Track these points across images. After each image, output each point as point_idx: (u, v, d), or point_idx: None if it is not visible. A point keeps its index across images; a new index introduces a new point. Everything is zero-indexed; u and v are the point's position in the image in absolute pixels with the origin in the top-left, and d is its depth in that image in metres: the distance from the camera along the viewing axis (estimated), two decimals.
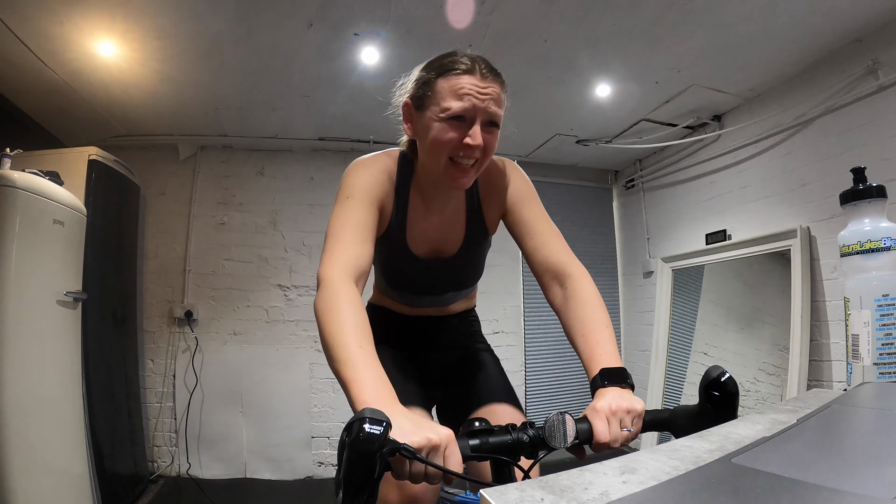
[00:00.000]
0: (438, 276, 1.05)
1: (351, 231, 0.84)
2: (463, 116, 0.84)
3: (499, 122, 0.87)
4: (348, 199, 0.88)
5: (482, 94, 0.84)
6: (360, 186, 0.90)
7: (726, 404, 0.69)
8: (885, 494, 0.34)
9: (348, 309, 0.72)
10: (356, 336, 0.68)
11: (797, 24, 1.98)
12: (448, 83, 0.85)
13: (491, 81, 0.85)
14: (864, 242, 1.49)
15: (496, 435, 0.65)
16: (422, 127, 0.89)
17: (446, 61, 0.87)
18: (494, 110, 0.85)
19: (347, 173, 0.93)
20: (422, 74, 0.90)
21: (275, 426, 3.05)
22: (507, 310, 3.47)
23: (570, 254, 0.94)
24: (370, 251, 0.85)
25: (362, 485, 0.49)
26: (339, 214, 0.86)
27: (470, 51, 0.91)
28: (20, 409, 1.66)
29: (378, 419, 0.50)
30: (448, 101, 0.84)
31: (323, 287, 0.76)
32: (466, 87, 0.83)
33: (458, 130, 0.85)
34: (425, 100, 0.88)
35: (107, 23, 1.91)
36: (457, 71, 0.85)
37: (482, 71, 0.85)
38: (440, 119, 0.85)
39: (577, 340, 0.85)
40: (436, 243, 1.02)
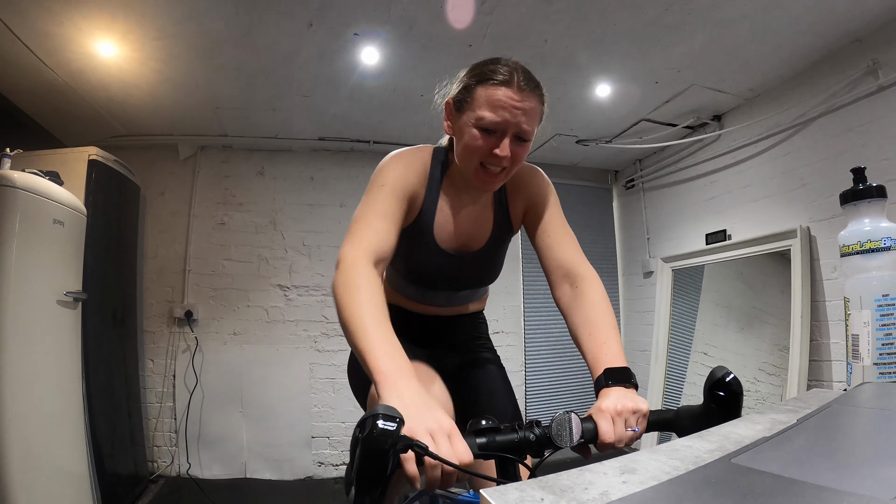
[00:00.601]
0: (461, 271, 1.06)
1: (377, 217, 0.86)
2: (495, 129, 0.87)
3: (529, 136, 0.90)
4: (381, 188, 0.90)
5: (516, 109, 0.86)
6: (393, 177, 0.92)
7: (731, 404, 0.69)
8: (885, 494, 0.34)
9: (366, 286, 0.74)
10: (372, 311, 0.70)
11: (797, 24, 1.98)
12: (486, 92, 0.87)
13: (527, 94, 0.87)
14: (864, 242, 1.49)
15: (503, 433, 0.65)
16: (458, 128, 0.93)
17: (487, 69, 0.89)
18: (525, 127, 0.88)
19: (384, 164, 0.96)
20: (464, 79, 0.93)
21: (275, 426, 3.05)
22: (507, 310, 3.48)
23: (582, 256, 0.97)
24: (393, 240, 0.87)
25: (375, 481, 0.49)
26: (369, 201, 0.89)
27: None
28: (20, 409, 1.66)
29: (391, 415, 0.50)
30: (482, 111, 0.87)
31: (341, 266, 0.78)
32: (502, 99, 0.85)
33: (488, 140, 0.87)
34: (464, 104, 0.91)
35: (107, 23, 1.91)
36: (495, 81, 0.86)
37: (520, 83, 0.86)
38: (474, 126, 0.88)
39: (582, 339, 0.85)
40: (463, 238, 1.04)
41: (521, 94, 0.86)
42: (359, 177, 3.36)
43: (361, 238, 0.82)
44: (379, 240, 0.83)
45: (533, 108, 0.88)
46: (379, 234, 0.84)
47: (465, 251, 1.05)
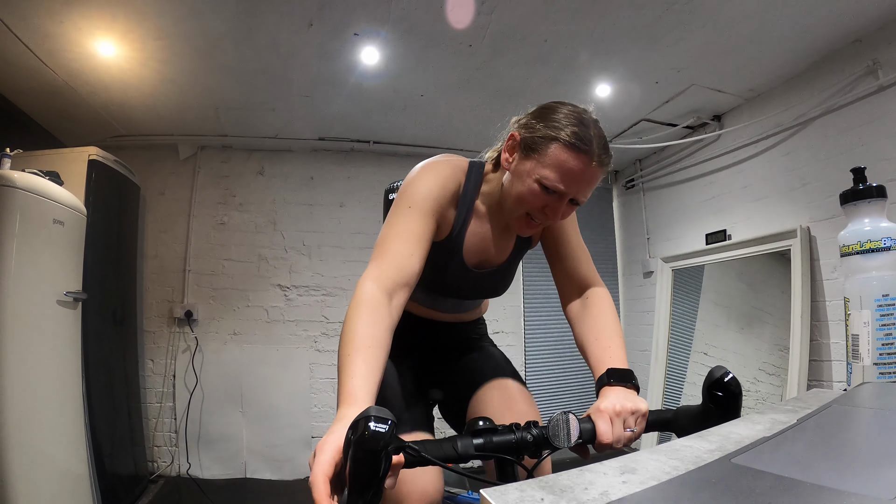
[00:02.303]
0: (479, 285, 1.06)
1: (403, 243, 0.83)
2: (555, 192, 0.85)
3: (585, 201, 0.88)
4: (409, 209, 0.86)
5: (583, 181, 0.84)
6: (423, 195, 0.88)
7: (730, 404, 0.69)
8: (885, 494, 0.34)
9: (363, 319, 0.72)
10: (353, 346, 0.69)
11: (797, 24, 1.98)
12: (560, 153, 0.82)
13: (599, 167, 0.84)
14: (864, 242, 1.49)
15: (500, 434, 0.65)
16: (518, 171, 0.88)
17: (569, 127, 0.83)
18: (586, 193, 0.87)
19: (415, 177, 0.91)
20: (539, 124, 0.86)
21: (275, 426, 3.05)
22: (507, 310, 3.48)
23: (595, 272, 0.99)
24: (419, 263, 0.83)
25: (368, 483, 0.49)
26: (396, 222, 0.85)
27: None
28: (20, 409, 1.66)
29: (383, 417, 0.50)
30: (550, 171, 0.83)
31: (354, 295, 0.76)
32: (574, 169, 0.82)
33: (546, 198, 0.85)
34: (533, 151, 0.86)
35: (107, 23, 1.91)
36: (572, 145, 0.82)
37: (597, 157, 0.83)
38: (535, 179, 0.85)
39: (588, 344, 0.87)
40: (486, 254, 1.03)
41: (594, 168, 0.83)
42: (359, 177, 3.36)
43: (382, 266, 0.79)
44: (400, 265, 0.80)
45: (598, 180, 0.86)
46: (401, 258, 0.81)
47: (486, 266, 1.05)
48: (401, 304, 0.79)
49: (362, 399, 0.63)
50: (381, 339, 0.72)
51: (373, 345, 0.69)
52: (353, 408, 0.60)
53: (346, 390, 0.64)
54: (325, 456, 0.54)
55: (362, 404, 0.62)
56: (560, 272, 1.00)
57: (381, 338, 0.72)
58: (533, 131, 0.87)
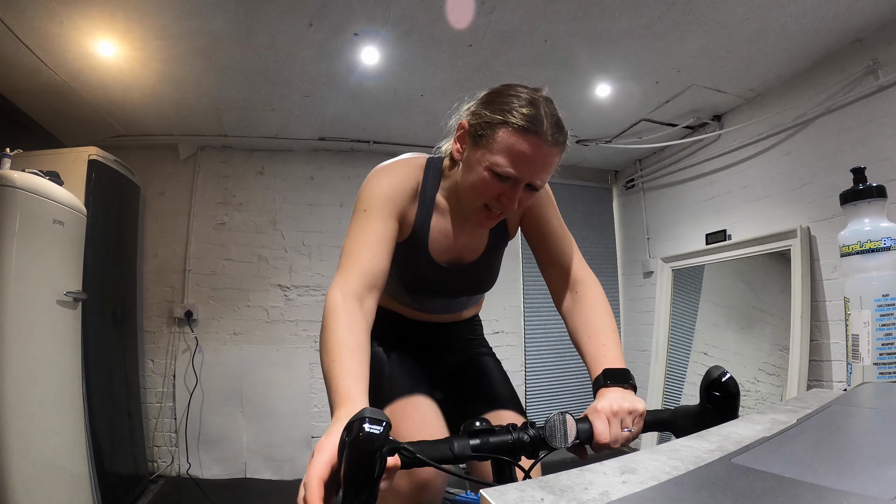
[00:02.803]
0: (457, 282, 1.05)
1: (364, 246, 0.82)
2: (508, 178, 0.82)
3: (543, 185, 0.86)
4: (364, 212, 0.86)
5: (535, 163, 0.80)
6: (377, 196, 0.88)
7: (727, 404, 0.69)
8: (885, 494, 0.34)
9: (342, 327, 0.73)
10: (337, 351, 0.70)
11: (797, 24, 1.98)
12: (508, 137, 0.79)
13: (552, 147, 0.81)
14: (864, 242, 1.49)
15: (497, 435, 0.65)
16: (468, 161, 0.87)
17: (514, 108, 0.80)
18: (542, 177, 0.84)
19: (366, 183, 0.91)
20: (485, 110, 0.84)
21: (275, 426, 3.04)
22: (507, 310, 3.47)
23: (581, 261, 0.96)
24: (384, 264, 0.83)
25: (363, 484, 0.49)
26: (354, 229, 0.85)
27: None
28: (20, 409, 1.66)
29: (378, 419, 0.49)
30: (500, 157, 0.80)
31: (326, 306, 0.77)
32: (526, 152, 0.79)
33: (499, 186, 0.83)
34: (481, 138, 0.83)
35: (107, 23, 1.91)
36: (520, 126, 0.79)
37: (549, 136, 0.80)
38: (486, 168, 0.82)
39: (582, 342, 0.86)
40: (458, 250, 1.02)
41: (547, 147, 0.80)
42: (359, 177, 3.34)
43: (347, 273, 0.79)
44: (365, 269, 0.80)
45: (554, 161, 0.83)
46: (365, 262, 0.81)
47: (462, 262, 1.03)
48: (373, 307, 0.80)
49: (357, 398, 0.63)
50: (363, 342, 0.73)
51: (355, 348, 0.71)
52: (350, 406, 0.60)
53: (339, 391, 0.64)
54: (322, 457, 0.54)
55: (359, 403, 0.62)
56: (546, 266, 0.98)
57: (362, 341, 0.73)
58: (480, 118, 0.84)
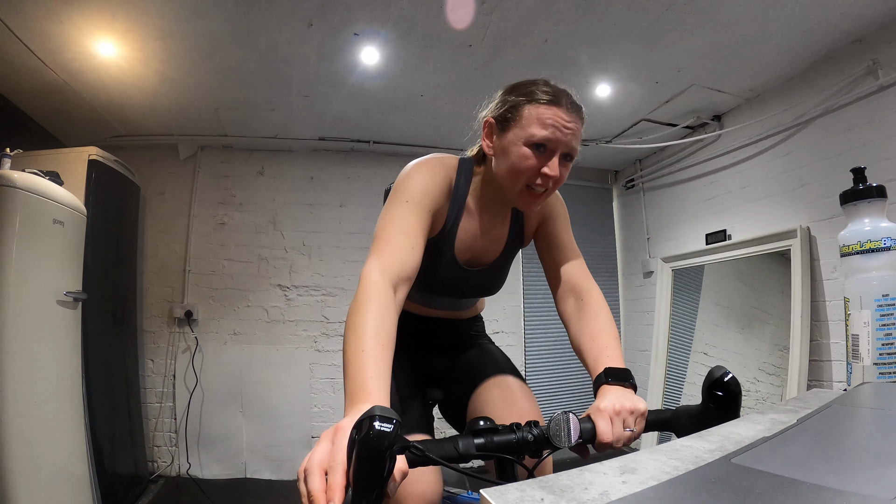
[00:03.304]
0: (471, 282, 1.07)
1: (403, 235, 0.83)
2: (545, 146, 0.86)
3: (575, 155, 0.90)
4: (407, 203, 0.87)
5: (565, 128, 0.86)
6: (419, 190, 0.90)
7: (729, 404, 0.69)
8: (885, 494, 0.34)
9: (374, 312, 0.71)
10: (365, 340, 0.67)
11: (797, 24, 1.98)
12: (535, 111, 0.86)
13: (574, 116, 0.87)
14: (864, 242, 1.49)
15: (500, 434, 0.65)
16: (502, 147, 0.90)
17: (534, 89, 0.88)
18: (574, 145, 0.88)
19: (407, 174, 0.92)
20: (508, 97, 0.91)
21: (275, 426, 3.04)
22: (507, 310, 3.48)
23: (588, 274, 0.99)
24: (418, 257, 0.84)
25: (372, 483, 0.49)
26: (395, 216, 0.86)
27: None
28: (20, 409, 1.66)
29: (388, 417, 0.49)
30: (533, 129, 0.86)
31: (360, 286, 0.75)
32: (552, 118, 0.85)
33: (538, 159, 0.87)
34: (509, 122, 0.89)
35: (107, 23, 1.91)
36: (544, 101, 0.86)
37: (568, 105, 0.87)
38: (523, 144, 0.87)
39: (584, 345, 0.87)
40: (478, 252, 1.04)
41: (570, 115, 0.86)
42: (359, 177, 3.36)
43: (384, 258, 0.79)
44: (402, 258, 0.80)
45: (579, 129, 0.88)
46: (403, 251, 0.81)
47: (478, 264, 1.05)
48: (402, 299, 0.80)
49: (378, 396, 0.62)
50: (391, 335, 0.71)
51: (384, 341, 0.69)
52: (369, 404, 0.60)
53: (361, 385, 0.62)
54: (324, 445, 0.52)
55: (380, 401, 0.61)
56: (553, 274, 1.01)
57: (390, 334, 0.71)
58: (503, 106, 0.91)
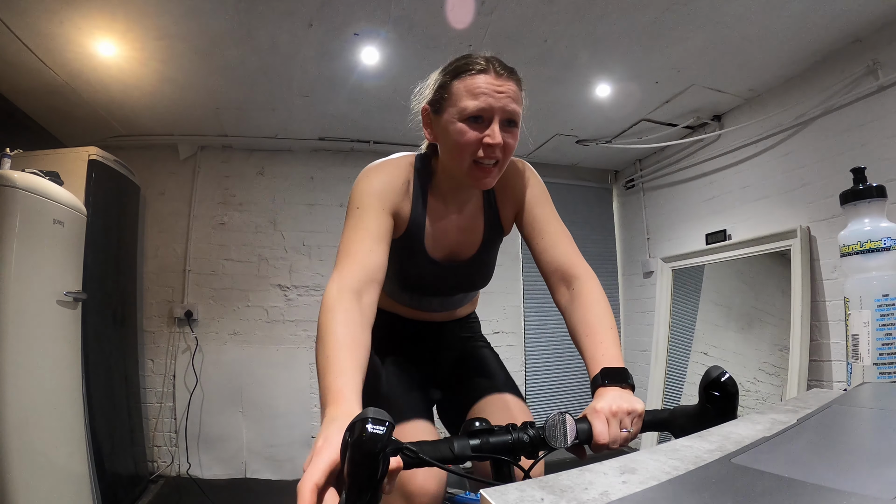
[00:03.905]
0: (454, 278, 1.05)
1: (359, 242, 0.82)
2: (480, 116, 0.84)
3: (517, 119, 0.87)
4: (357, 210, 0.86)
5: (498, 93, 0.84)
6: (370, 193, 0.88)
7: (726, 404, 0.69)
8: (885, 494, 0.34)
9: (338, 322, 0.71)
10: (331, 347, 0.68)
11: (797, 24, 1.98)
12: (464, 84, 0.85)
13: (506, 79, 0.85)
14: (864, 242, 1.49)
15: (496, 435, 0.65)
16: (441, 130, 0.89)
17: (461, 63, 0.88)
18: (512, 108, 0.85)
19: (357, 182, 0.91)
20: (438, 78, 0.91)
21: (275, 426, 3.05)
22: (507, 310, 3.47)
23: (578, 256, 0.94)
24: (381, 259, 0.83)
25: (365, 485, 0.49)
26: (349, 228, 0.85)
27: (472, 50, 0.91)
28: (20, 409, 1.66)
29: (381, 419, 0.49)
30: (465, 102, 0.84)
31: (323, 303, 0.75)
32: (482, 86, 0.84)
33: (477, 130, 0.85)
34: (443, 103, 0.88)
35: (107, 23, 1.91)
36: (472, 71, 0.85)
37: (497, 69, 0.85)
38: (458, 120, 0.85)
39: (581, 340, 0.85)
40: (454, 246, 1.02)
41: (500, 79, 0.85)
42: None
43: (344, 269, 0.78)
44: (361, 263, 0.80)
45: (515, 91, 0.86)
46: (360, 256, 0.80)
47: (457, 259, 1.03)
48: (372, 302, 0.79)
49: (350, 398, 0.62)
50: (359, 338, 0.71)
51: (351, 344, 0.69)
52: (343, 406, 0.60)
53: (332, 389, 0.63)
54: (320, 462, 0.52)
55: (351, 403, 0.61)
56: (542, 262, 0.97)
57: (358, 337, 0.71)
58: (433, 90, 0.91)
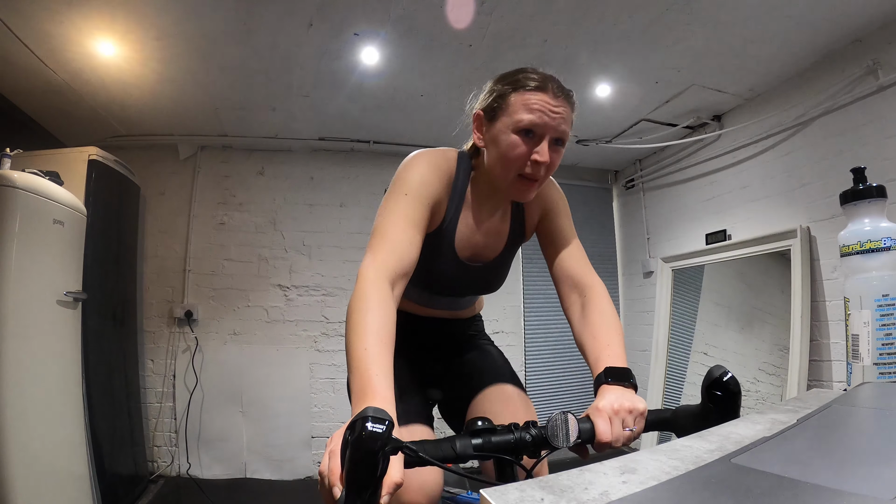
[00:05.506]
0: (472, 279, 1.06)
1: (401, 230, 0.83)
2: (533, 131, 0.86)
3: (566, 140, 0.89)
4: (406, 196, 0.86)
5: (553, 112, 0.86)
6: (418, 181, 0.89)
7: (728, 404, 0.69)
8: (885, 494, 0.34)
9: (374, 311, 0.71)
10: (367, 338, 0.68)
11: (797, 24, 1.98)
12: (521, 97, 0.87)
13: (562, 101, 0.87)
14: (864, 242, 1.49)
15: (499, 434, 0.65)
16: (492, 137, 0.90)
17: (520, 77, 0.89)
18: (563, 129, 0.87)
19: (406, 166, 0.92)
20: (495, 87, 0.92)
21: (275, 426, 3.04)
22: (507, 310, 3.48)
23: (591, 268, 0.98)
24: (415, 252, 0.84)
25: (365, 483, 0.49)
26: (393, 210, 0.85)
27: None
28: (20, 409, 1.66)
29: (381, 418, 0.49)
30: (520, 115, 0.86)
31: (358, 283, 0.75)
32: (539, 103, 0.85)
33: (527, 145, 0.86)
34: (497, 111, 0.89)
35: (107, 23, 1.91)
36: (530, 87, 0.87)
37: (554, 90, 0.87)
38: (512, 131, 0.86)
39: (587, 342, 0.86)
40: (479, 247, 1.03)
41: (557, 100, 0.87)
42: (359, 177, 3.36)
43: (381, 254, 0.79)
44: (400, 253, 0.80)
45: (568, 113, 0.88)
46: (401, 246, 0.81)
47: (480, 260, 1.05)
48: (399, 294, 0.80)
49: (383, 393, 0.62)
50: (391, 332, 0.71)
51: (384, 339, 0.69)
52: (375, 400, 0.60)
53: (366, 383, 0.63)
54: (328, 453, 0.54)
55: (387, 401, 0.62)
56: (557, 269, 0.99)
57: (390, 331, 0.71)
58: (490, 97, 0.92)
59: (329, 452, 0.55)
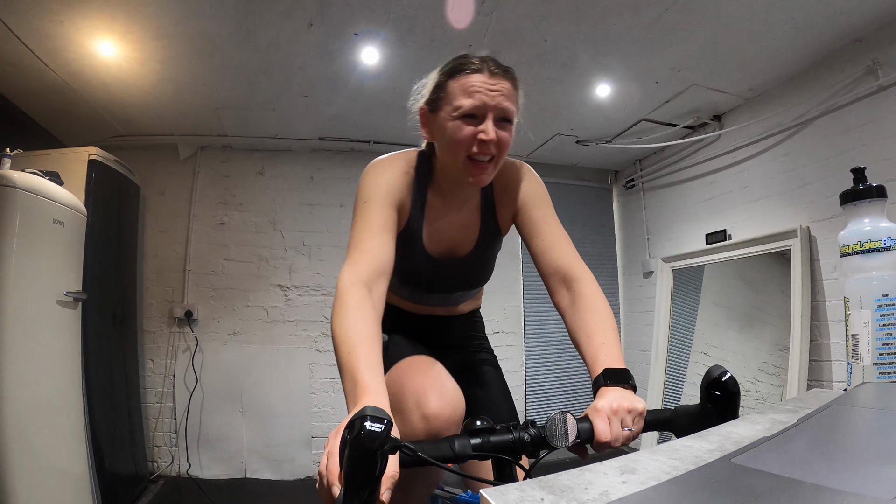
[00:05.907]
0: (450, 276, 1.06)
1: (369, 235, 0.86)
2: (474, 114, 0.86)
3: (511, 117, 0.89)
4: (366, 203, 0.90)
5: (492, 91, 0.86)
6: (377, 187, 0.92)
7: (728, 404, 0.69)
8: (885, 494, 0.34)
9: (352, 313, 0.74)
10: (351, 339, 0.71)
11: (797, 24, 1.98)
12: (458, 83, 0.88)
13: (500, 78, 0.87)
14: (864, 242, 1.49)
15: (498, 434, 0.65)
16: (437, 128, 0.92)
17: (456, 63, 0.90)
18: (505, 105, 0.87)
19: (364, 176, 0.95)
20: (435, 78, 0.94)
21: (275, 426, 3.05)
22: (507, 310, 3.48)
23: (577, 257, 0.95)
24: (387, 252, 0.86)
25: (363, 483, 0.49)
26: (358, 221, 0.88)
27: (471, 50, 0.92)
28: (20, 409, 1.66)
29: (379, 417, 0.49)
30: (460, 100, 0.87)
31: (336, 294, 0.78)
32: (476, 84, 0.86)
33: (471, 127, 0.87)
34: (439, 102, 0.91)
35: (107, 23, 1.91)
36: (466, 71, 0.88)
37: (491, 69, 0.87)
38: (453, 118, 0.87)
39: (581, 342, 0.85)
40: (451, 243, 1.03)
41: (495, 78, 0.87)
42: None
43: (354, 262, 0.82)
44: (373, 257, 0.83)
45: (508, 90, 0.88)
46: (372, 251, 0.84)
47: (454, 256, 1.04)
48: (382, 294, 0.82)
49: (375, 389, 0.64)
50: (376, 332, 0.74)
51: (370, 339, 0.71)
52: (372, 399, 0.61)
53: (360, 382, 0.65)
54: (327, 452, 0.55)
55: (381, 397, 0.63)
56: (541, 263, 0.97)
57: (375, 331, 0.74)
58: (429, 91, 0.94)
59: (327, 453, 0.55)
